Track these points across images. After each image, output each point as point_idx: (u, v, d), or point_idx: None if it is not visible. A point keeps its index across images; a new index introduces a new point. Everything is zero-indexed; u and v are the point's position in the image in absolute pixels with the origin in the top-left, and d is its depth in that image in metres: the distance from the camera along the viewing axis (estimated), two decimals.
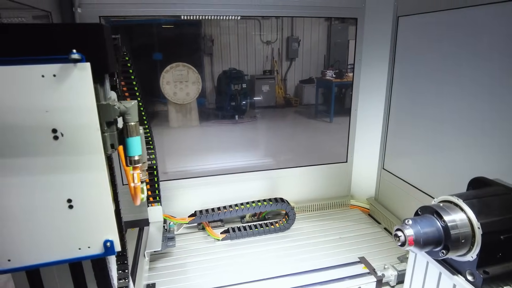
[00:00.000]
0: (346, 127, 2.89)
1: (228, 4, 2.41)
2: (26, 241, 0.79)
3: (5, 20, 1.71)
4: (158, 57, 8.16)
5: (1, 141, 0.72)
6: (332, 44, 8.50)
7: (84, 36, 0.78)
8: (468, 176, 1.51)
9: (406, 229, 1.25)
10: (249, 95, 8.41)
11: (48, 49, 0.73)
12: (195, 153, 3.57)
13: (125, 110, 0.88)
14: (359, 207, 2.95)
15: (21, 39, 0.74)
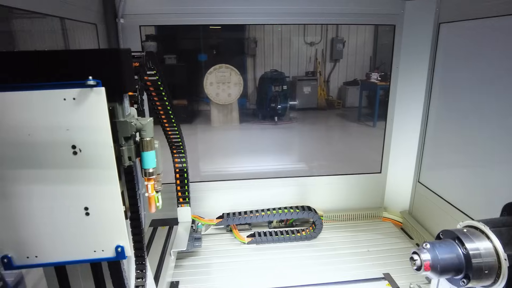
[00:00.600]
0: (389, 139, 2.79)
1: (269, 13, 2.43)
2: (50, 241, 0.90)
3: (55, 33, 1.89)
4: (203, 58, 8.39)
5: (29, 155, 0.83)
6: (378, 45, 8.20)
7: (102, 61, 0.86)
8: (509, 199, 1.40)
9: (423, 253, 1.20)
10: (290, 97, 8.38)
11: (70, 73, 0.82)
12: (230, 153, 3.65)
13: (141, 127, 0.95)
14: (391, 220, 2.85)
15: (46, 65, 0.84)
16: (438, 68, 2.42)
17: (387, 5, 2.49)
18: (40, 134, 0.81)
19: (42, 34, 1.89)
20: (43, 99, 0.80)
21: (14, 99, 0.79)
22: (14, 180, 0.84)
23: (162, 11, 2.34)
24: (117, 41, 2.29)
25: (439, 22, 2.36)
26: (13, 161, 0.83)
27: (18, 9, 1.47)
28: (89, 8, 2.06)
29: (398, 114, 2.70)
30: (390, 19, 2.53)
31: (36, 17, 1.67)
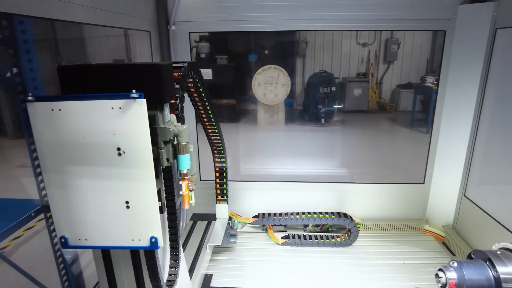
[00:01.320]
0: (434, 148, 2.68)
1: (319, 20, 2.46)
2: (96, 228, 1.05)
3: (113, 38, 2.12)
4: (253, 59, 8.53)
5: (83, 154, 0.98)
6: (436, 47, 7.72)
7: (146, 75, 0.99)
8: None
9: (448, 271, 1.19)
10: (338, 99, 8.20)
11: (119, 85, 0.95)
12: (273, 154, 3.71)
13: (178, 133, 1.07)
14: (433, 234, 2.73)
15: (99, 78, 0.99)
16: (492, 77, 2.28)
17: (439, 10, 2.39)
18: (92, 137, 0.96)
19: (107, 42, 2.12)
20: (95, 108, 0.94)
21: (73, 107, 0.95)
22: (70, 174, 0.99)
23: (210, 19, 2.48)
24: (168, 46, 2.47)
25: (495, 27, 2.22)
26: (71, 159, 0.98)
27: (88, 24, 1.68)
28: (145, 18, 2.26)
29: (445, 123, 2.59)
30: (441, 24, 2.43)
31: (99, 27, 1.89)
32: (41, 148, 0.98)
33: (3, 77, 1.45)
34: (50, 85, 1.46)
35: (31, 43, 1.38)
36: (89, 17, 1.66)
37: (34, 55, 1.41)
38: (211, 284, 2.11)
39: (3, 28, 1.31)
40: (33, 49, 1.40)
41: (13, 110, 5.15)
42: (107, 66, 1.03)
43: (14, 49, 1.33)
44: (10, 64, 1.35)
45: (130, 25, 2.11)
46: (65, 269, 1.74)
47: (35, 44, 1.36)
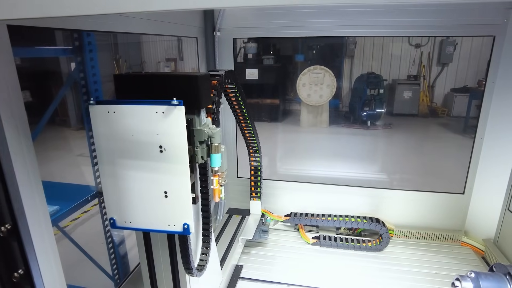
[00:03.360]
0: (476, 157, 2.59)
1: (364, 26, 2.46)
2: (139, 212, 1.23)
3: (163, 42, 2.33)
4: (300, 59, 8.55)
5: (131, 149, 1.17)
6: None
7: (185, 85, 1.15)
8: None
9: (465, 281, 1.21)
10: (386, 101, 7.95)
11: (163, 92, 1.13)
12: (312, 156, 3.75)
13: (211, 134, 1.22)
14: (471, 246, 2.64)
15: (147, 86, 1.18)
16: None
17: (489, 14, 2.30)
18: (139, 136, 1.14)
19: (161, 46, 2.35)
20: (143, 112, 1.12)
21: (125, 111, 1.13)
22: (120, 165, 1.19)
23: (253, 25, 2.61)
24: (214, 51, 2.65)
25: None
26: (121, 153, 1.18)
27: (143, 34, 1.90)
28: (193, 25, 2.45)
29: (490, 132, 2.48)
30: (490, 29, 2.34)
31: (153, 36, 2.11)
32: (98, 143, 1.18)
33: (71, 80, 1.71)
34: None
35: (95, 53, 1.62)
36: (144, 27, 1.88)
37: (97, 63, 1.64)
38: (241, 275, 2.26)
39: (74, 40, 1.55)
40: (96, 58, 1.63)
41: (77, 107, 5.78)
42: (154, 76, 1.21)
43: (81, 57, 1.57)
44: (78, 69, 1.59)
45: (179, 32, 2.32)
46: (113, 248, 1.99)
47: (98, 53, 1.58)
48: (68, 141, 5.89)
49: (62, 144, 5.62)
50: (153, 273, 1.45)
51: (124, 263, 2.05)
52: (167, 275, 1.44)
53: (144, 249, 1.42)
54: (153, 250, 1.41)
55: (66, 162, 5.01)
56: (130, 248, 2.09)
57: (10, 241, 0.97)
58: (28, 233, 0.93)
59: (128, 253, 2.08)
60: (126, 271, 2.04)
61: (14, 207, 0.89)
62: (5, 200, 0.89)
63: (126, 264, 2.06)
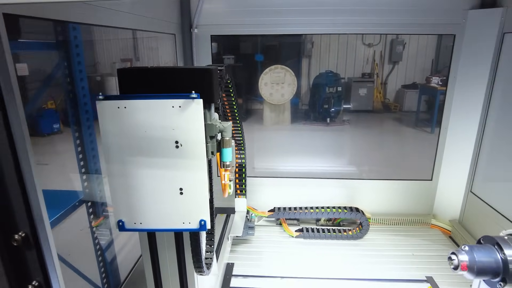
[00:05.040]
0: (442, 146, 2.82)
1: (330, 24, 2.60)
2: (152, 212, 1.18)
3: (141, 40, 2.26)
4: (260, 59, 8.63)
5: (144, 146, 1.12)
6: (442, 48, 7.82)
7: (199, 78, 1.13)
8: None
9: (461, 254, 1.32)
10: (344, 99, 8.30)
11: (172, 87, 1.10)
12: (281, 153, 3.82)
13: (223, 129, 1.21)
14: (440, 228, 2.87)
15: (153, 80, 1.15)
16: (500, 78, 2.40)
17: (449, 15, 2.51)
18: (153, 131, 1.10)
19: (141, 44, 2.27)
20: (157, 106, 1.08)
21: (138, 105, 1.08)
22: (131, 163, 1.13)
23: (230, 22, 2.62)
24: (191, 48, 2.61)
25: (503, 32, 2.35)
26: (132, 150, 1.12)
27: (124, 28, 1.82)
28: (171, 21, 2.40)
29: (453, 122, 2.71)
30: (450, 28, 2.55)
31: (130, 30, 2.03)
32: (106, 141, 1.11)
33: (56, 76, 1.59)
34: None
35: (81, 47, 1.52)
36: (125, 21, 1.80)
37: (83, 58, 1.55)
38: (233, 272, 2.25)
39: (58, 34, 1.45)
40: (82, 52, 1.54)
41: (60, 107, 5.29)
42: (161, 69, 1.17)
43: (67, 52, 1.47)
44: (63, 65, 1.49)
45: (157, 28, 2.25)
46: (102, 257, 1.88)
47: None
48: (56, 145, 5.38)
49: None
50: (158, 276, 1.40)
51: (114, 273, 1.95)
52: (173, 277, 1.40)
53: (148, 252, 1.37)
54: (159, 251, 1.36)
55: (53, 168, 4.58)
56: (121, 256, 1.99)
57: (24, 250, 0.89)
58: (47, 241, 0.86)
59: (118, 262, 1.98)
60: (117, 281, 1.95)
61: (34, 213, 0.82)
62: (23, 206, 0.82)
63: (116, 274, 1.96)
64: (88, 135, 1.62)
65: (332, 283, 2.17)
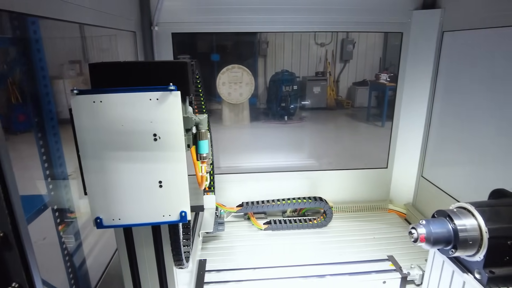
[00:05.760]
0: (395, 136, 3.04)
1: (283, 22, 2.72)
2: (131, 207, 1.18)
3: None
4: (216, 59, 8.64)
5: (120, 140, 1.11)
6: (388, 47, 8.33)
7: (175, 71, 1.15)
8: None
9: (419, 228, 1.47)
10: (300, 97, 8.57)
11: (153, 79, 1.11)
12: (243, 151, 3.88)
13: (199, 121, 1.23)
14: (396, 212, 3.10)
15: (127, 74, 1.14)
16: (441, 73, 2.66)
17: (396, 14, 2.73)
18: (130, 125, 1.09)
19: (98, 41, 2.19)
20: (135, 99, 1.08)
21: (114, 99, 1.07)
22: (108, 159, 1.12)
23: (191, 20, 2.62)
24: (152, 47, 2.58)
25: (443, 31, 2.60)
26: (109, 145, 1.11)
27: (77, 23, 1.75)
28: (130, 18, 2.35)
29: (404, 114, 2.95)
30: (398, 27, 2.78)
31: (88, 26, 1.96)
32: (82, 137, 1.09)
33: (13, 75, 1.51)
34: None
35: (41, 42, 1.46)
36: (83, 16, 1.74)
37: (44, 54, 1.49)
38: (206, 268, 2.27)
39: (15, 29, 1.38)
40: (43, 48, 1.48)
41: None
42: (135, 63, 1.17)
43: (27, 48, 1.41)
44: (22, 62, 1.42)
45: (117, 25, 2.19)
46: (71, 263, 1.81)
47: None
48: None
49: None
50: (136, 273, 1.39)
51: (84, 277, 1.88)
52: (152, 272, 1.40)
53: (125, 248, 1.35)
54: (136, 247, 1.35)
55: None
56: (92, 257, 1.92)
57: (3, 251, 0.86)
58: (29, 242, 0.84)
59: (89, 264, 1.91)
60: (88, 285, 1.88)
61: (16, 212, 0.80)
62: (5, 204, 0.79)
63: (86, 279, 1.89)
64: (52, 135, 1.55)
65: (301, 270, 2.27)
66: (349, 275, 2.17)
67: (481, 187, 2.08)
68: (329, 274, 2.20)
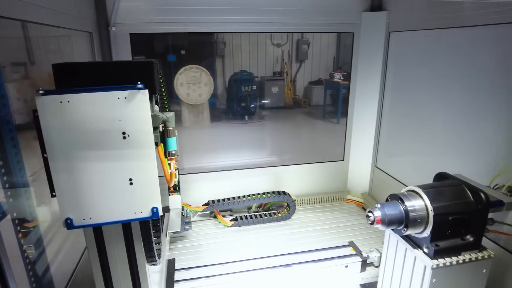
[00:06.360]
0: (350, 131, 3.24)
1: (240, 23, 2.80)
2: (101, 206, 1.18)
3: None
4: (172, 59, 8.53)
5: (89, 140, 1.12)
6: (341, 46, 8.71)
7: (142, 70, 1.17)
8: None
9: (375, 211, 1.61)
10: (259, 96, 8.71)
11: (120, 79, 1.12)
12: (206, 151, 3.90)
13: (166, 119, 1.27)
14: (354, 201, 3.30)
15: (92, 74, 1.15)
16: (389, 70, 2.88)
17: (347, 16, 2.92)
18: (99, 124, 1.10)
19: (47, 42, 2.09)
20: (103, 98, 1.09)
21: (82, 99, 1.07)
22: (77, 158, 1.11)
23: (149, 20, 2.61)
24: (109, 48, 2.53)
25: (389, 31, 2.82)
26: (78, 145, 1.10)
27: (29, 21, 1.68)
28: (86, 18, 2.29)
29: (357, 109, 3.16)
30: (349, 27, 2.96)
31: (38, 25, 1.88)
32: (49, 138, 1.08)
33: None
34: None
35: None
36: (35, 14, 1.67)
37: None
38: (175, 267, 2.28)
39: None
40: None
41: None
42: (100, 64, 1.18)
43: None
44: None
45: (73, 25, 2.13)
46: (33, 270, 1.74)
47: None
48: None
49: None
50: (108, 272, 1.39)
51: (49, 284, 1.81)
52: (124, 271, 1.40)
53: (95, 248, 1.34)
54: (107, 246, 1.35)
55: None
56: (54, 268, 1.85)
57: None
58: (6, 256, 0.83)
59: (52, 274, 1.84)
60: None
61: None
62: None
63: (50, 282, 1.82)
64: (9, 139, 1.49)
65: (269, 261, 2.36)
66: (314, 262, 2.30)
67: (428, 173, 2.30)
68: (295, 263, 2.31)
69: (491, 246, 1.86)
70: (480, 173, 1.89)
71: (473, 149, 2.10)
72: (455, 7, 2.12)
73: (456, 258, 1.58)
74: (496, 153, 1.95)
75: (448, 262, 1.57)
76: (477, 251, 1.62)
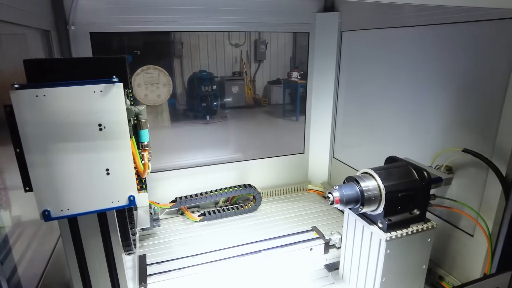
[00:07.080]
0: (308, 125, 3.43)
1: (199, 22, 2.87)
2: (79, 197, 1.22)
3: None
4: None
5: (67, 132, 1.15)
6: (297, 47, 9.00)
7: (115, 65, 1.23)
8: None
9: (334, 192, 1.78)
10: (219, 96, 8.77)
11: (97, 73, 1.17)
12: (168, 152, 3.91)
13: (139, 112, 1.33)
14: (315, 191, 3.51)
15: (64, 70, 1.19)
16: (343, 68, 3.11)
17: (302, 16, 3.10)
18: (75, 117, 1.14)
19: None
20: (79, 92, 1.13)
21: (58, 93, 1.11)
22: (55, 151, 1.14)
23: (110, 19, 2.60)
24: (69, 47, 2.49)
25: (341, 31, 3.04)
26: (55, 137, 1.13)
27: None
28: (44, 16, 2.24)
29: (314, 105, 3.36)
30: (305, 27, 3.15)
31: None
32: (25, 131, 1.09)
33: None
34: None
35: None
36: None
37: None
38: (147, 262, 2.31)
39: None
40: None
41: None
42: (73, 59, 1.22)
43: None
44: None
45: (30, 22, 2.08)
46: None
47: None
48: None
49: None
50: (84, 263, 1.41)
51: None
52: (100, 261, 1.44)
53: (71, 240, 1.37)
54: (83, 237, 1.38)
55: None
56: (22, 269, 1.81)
57: None
58: None
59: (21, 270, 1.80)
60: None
61: None
62: None
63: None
64: None
65: (238, 249, 2.47)
66: (281, 247, 2.44)
67: (379, 159, 2.53)
68: (264, 249, 2.44)
69: (434, 219, 2.11)
70: (424, 156, 2.14)
71: (416, 136, 2.36)
72: (398, 9, 2.37)
73: (406, 230, 1.80)
74: (435, 139, 2.22)
75: (399, 234, 1.78)
76: (422, 223, 1.85)
